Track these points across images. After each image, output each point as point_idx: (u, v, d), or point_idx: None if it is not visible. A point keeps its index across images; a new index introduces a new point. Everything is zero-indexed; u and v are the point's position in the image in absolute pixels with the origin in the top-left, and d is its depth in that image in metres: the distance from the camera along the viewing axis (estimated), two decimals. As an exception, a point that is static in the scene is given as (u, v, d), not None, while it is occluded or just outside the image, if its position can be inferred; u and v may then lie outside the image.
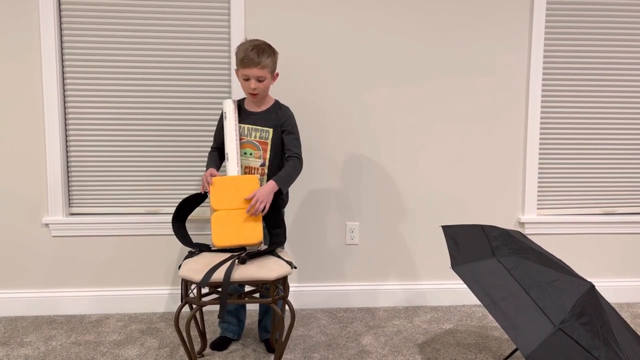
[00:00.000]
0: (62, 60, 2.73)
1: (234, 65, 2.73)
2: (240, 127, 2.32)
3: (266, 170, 2.33)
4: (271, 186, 2.20)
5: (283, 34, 2.77)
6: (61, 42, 2.72)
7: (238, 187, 2.19)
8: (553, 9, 2.89)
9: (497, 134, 2.96)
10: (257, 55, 2.20)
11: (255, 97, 2.30)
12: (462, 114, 2.93)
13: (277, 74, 2.34)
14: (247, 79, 2.24)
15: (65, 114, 2.77)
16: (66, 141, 2.79)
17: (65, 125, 2.78)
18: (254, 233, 2.16)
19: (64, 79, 2.75)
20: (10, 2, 2.65)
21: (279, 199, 2.29)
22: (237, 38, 2.72)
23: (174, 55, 2.77)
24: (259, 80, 2.24)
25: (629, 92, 3.01)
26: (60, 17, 2.70)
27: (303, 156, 2.36)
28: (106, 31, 2.72)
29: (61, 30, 2.71)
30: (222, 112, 2.34)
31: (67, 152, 2.80)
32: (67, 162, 2.80)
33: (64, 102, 2.76)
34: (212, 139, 2.51)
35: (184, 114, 2.81)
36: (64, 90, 2.76)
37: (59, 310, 2.82)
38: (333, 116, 2.87)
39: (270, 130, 2.32)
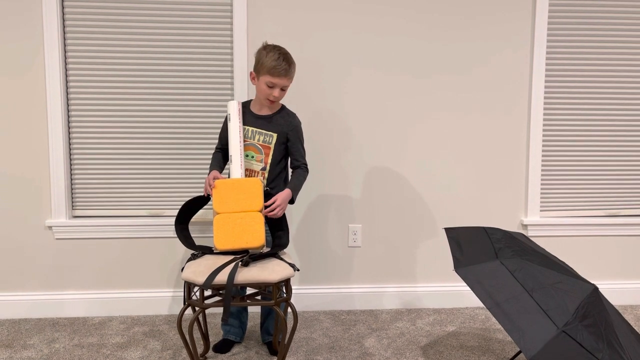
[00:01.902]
0: (66, 63, 2.74)
1: (237, 68, 2.75)
2: (244, 129, 2.32)
3: (266, 175, 2.34)
4: (287, 194, 2.26)
5: (286, 36, 2.77)
6: (64, 45, 2.73)
7: (241, 190, 2.19)
8: (555, 9, 2.89)
9: (500, 136, 2.96)
10: (288, 65, 2.24)
11: (273, 104, 2.32)
12: (464, 116, 2.93)
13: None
14: (271, 87, 2.25)
15: (68, 117, 2.78)
16: (69, 144, 2.80)
17: (69, 127, 2.79)
18: (256, 236, 2.16)
19: (67, 81, 2.76)
20: (14, 10, 2.66)
21: None
22: (240, 41, 2.73)
23: (176, 59, 2.78)
24: (283, 89, 2.27)
25: (634, 92, 3.01)
26: (64, 20, 2.71)
27: (307, 159, 2.38)
28: (109, 34, 2.73)
29: (64, 33, 2.72)
30: (226, 116, 2.35)
31: (70, 154, 2.80)
32: (70, 164, 2.81)
33: (67, 105, 2.77)
34: (214, 141, 2.51)
35: (186, 117, 2.82)
36: (67, 93, 2.77)
37: (62, 313, 2.83)
38: (335, 118, 2.87)
39: (275, 135, 2.33)
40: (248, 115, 2.35)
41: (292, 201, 2.30)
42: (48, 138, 2.73)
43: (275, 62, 2.21)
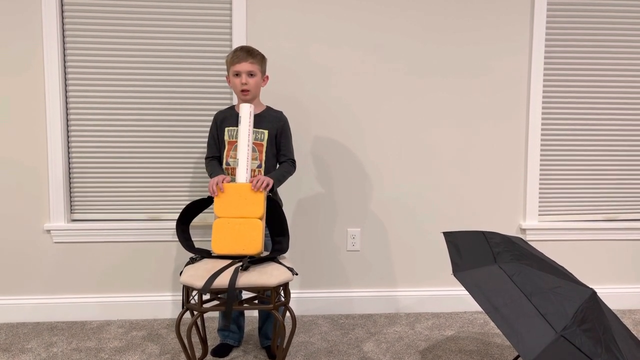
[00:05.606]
0: (65, 67, 2.75)
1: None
2: (233, 131, 2.35)
3: (262, 172, 2.35)
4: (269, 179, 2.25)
5: (286, 39, 2.78)
6: (64, 48, 2.73)
7: (243, 196, 2.18)
8: (553, 13, 2.90)
9: (498, 140, 2.96)
10: (247, 52, 2.30)
11: (246, 94, 2.31)
12: (463, 119, 2.93)
13: (267, 77, 2.41)
14: (237, 75, 2.29)
15: (67, 120, 2.78)
16: (68, 147, 2.80)
17: (68, 130, 2.79)
18: (253, 243, 2.15)
19: (66, 85, 2.76)
20: (13, 10, 2.67)
21: (279, 205, 2.31)
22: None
23: (176, 63, 2.78)
24: (250, 74, 2.29)
25: (633, 96, 3.02)
26: (63, 23, 2.72)
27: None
28: (109, 38, 2.74)
29: (64, 37, 2.73)
30: (212, 124, 2.41)
31: (69, 158, 2.80)
32: (69, 168, 2.81)
33: (66, 108, 2.77)
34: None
35: (185, 121, 2.83)
36: (66, 97, 2.77)
37: (60, 317, 2.82)
38: (335, 122, 2.87)
39: (266, 132, 2.35)
40: (237, 117, 2.34)
41: (272, 190, 2.27)
42: (47, 141, 2.73)
43: (233, 54, 2.32)
